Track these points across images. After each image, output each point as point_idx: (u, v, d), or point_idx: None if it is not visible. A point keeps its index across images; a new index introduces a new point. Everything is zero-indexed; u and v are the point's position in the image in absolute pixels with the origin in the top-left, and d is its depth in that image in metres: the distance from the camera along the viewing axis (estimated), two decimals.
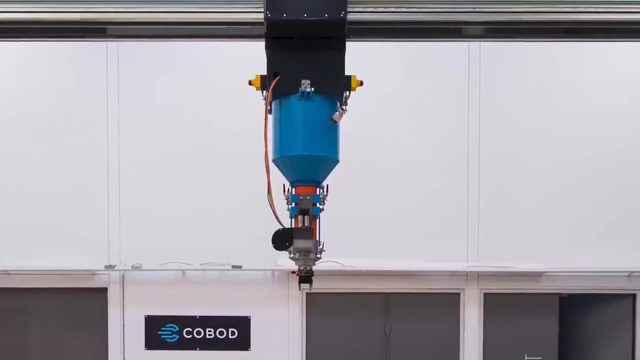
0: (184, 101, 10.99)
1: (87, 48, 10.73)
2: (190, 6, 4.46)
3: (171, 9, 4.47)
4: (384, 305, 11.28)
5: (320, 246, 4.69)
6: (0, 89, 11.06)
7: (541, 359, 11.17)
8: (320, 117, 4.38)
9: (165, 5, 4.46)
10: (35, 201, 11.01)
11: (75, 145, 11.04)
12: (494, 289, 11.18)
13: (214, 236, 10.88)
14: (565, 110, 11.07)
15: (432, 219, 11.05)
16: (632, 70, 11.02)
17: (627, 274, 11.04)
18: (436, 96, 11.11)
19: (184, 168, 11.03)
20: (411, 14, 4.46)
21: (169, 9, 4.47)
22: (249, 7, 4.37)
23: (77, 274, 11.02)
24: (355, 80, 4.45)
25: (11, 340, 11.29)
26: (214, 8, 4.45)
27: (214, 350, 11.10)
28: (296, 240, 4.51)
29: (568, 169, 11.04)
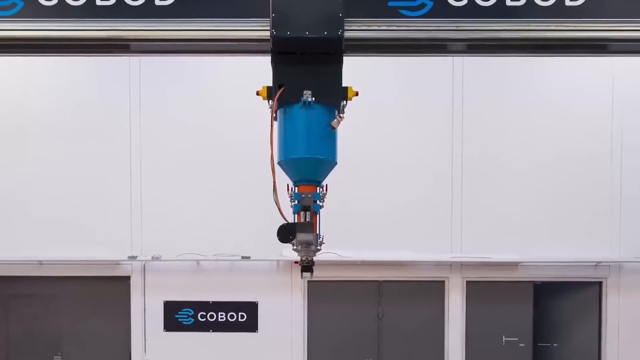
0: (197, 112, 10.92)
1: (110, 63, 10.68)
2: (204, 25, 4.43)
3: (187, 27, 4.45)
4: (377, 292, 11.22)
5: (320, 239, 4.64)
6: (35, 99, 11.01)
7: (517, 339, 11.11)
8: (321, 124, 4.34)
9: (181, 24, 4.43)
10: (65, 201, 10.94)
11: (100, 151, 10.99)
12: (475, 277, 11.13)
13: (225, 230, 10.84)
14: (540, 121, 11.00)
15: (420, 215, 10.97)
16: (599, 84, 10.95)
17: (594, 264, 10.98)
18: (424, 107, 11.04)
19: (197, 172, 10.96)
20: (401, 31, 4.44)
21: (185, 27, 4.45)
22: (256, 26, 4.35)
23: (103, 264, 10.98)
24: (351, 91, 4.43)
25: (44, 323, 11.25)
26: (225, 26, 4.42)
27: (226, 332, 11.05)
28: (299, 233, 4.47)
29: (542, 173, 10.99)
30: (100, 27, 4.40)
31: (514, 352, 11.14)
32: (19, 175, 10.99)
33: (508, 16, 4.38)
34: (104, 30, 4.42)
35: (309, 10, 4.25)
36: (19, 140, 11.00)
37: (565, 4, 4.36)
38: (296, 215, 4.54)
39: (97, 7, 4.38)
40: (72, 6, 4.38)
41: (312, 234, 4.52)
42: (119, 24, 4.40)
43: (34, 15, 4.38)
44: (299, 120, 4.35)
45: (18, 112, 10.98)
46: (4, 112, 10.97)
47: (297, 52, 4.33)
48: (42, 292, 11.21)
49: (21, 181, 11.00)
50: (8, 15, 4.39)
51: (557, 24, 4.37)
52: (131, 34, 4.45)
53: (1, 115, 10.97)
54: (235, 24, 4.41)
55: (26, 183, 11.00)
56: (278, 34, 4.24)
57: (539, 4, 4.36)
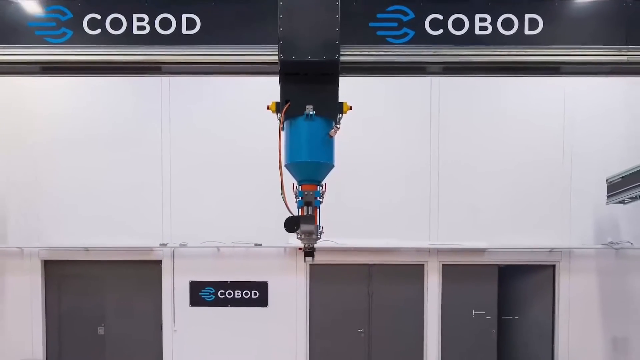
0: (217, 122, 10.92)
1: (144, 83, 10.68)
2: (224, 50, 4.43)
3: (209, 53, 4.44)
4: (367, 273, 11.19)
5: (320, 229, 4.66)
6: (83, 115, 11.00)
7: (484, 313, 11.09)
8: (320, 133, 4.34)
9: (205, 49, 4.43)
10: (108, 198, 10.95)
11: (135, 157, 11.01)
12: (450, 261, 11.09)
13: (241, 222, 10.81)
14: (503, 131, 10.99)
15: (403, 209, 10.95)
16: (552, 100, 10.93)
17: (549, 250, 10.96)
18: (406, 119, 11.03)
19: (217, 173, 10.93)
20: (388, 56, 4.44)
21: (208, 53, 4.44)
22: (267, 52, 4.35)
23: (139, 250, 10.95)
24: (346, 106, 4.43)
25: (89, 299, 11.25)
26: (241, 52, 4.43)
27: (241, 307, 11.02)
28: (302, 225, 4.48)
29: (505, 174, 10.97)
30: (136, 52, 4.41)
31: (482, 323, 11.13)
32: (71, 179, 10.99)
33: (477, 43, 4.39)
34: (139, 55, 4.42)
35: (310, 38, 4.25)
36: (71, 149, 11.00)
37: (524, 33, 4.37)
38: (300, 210, 4.56)
39: (134, 36, 4.39)
40: (113, 35, 4.39)
41: (313, 225, 4.55)
42: (152, 49, 4.40)
43: (81, 42, 4.38)
44: (303, 130, 4.36)
45: (69, 125, 10.99)
46: (58, 126, 10.98)
47: (300, 73, 4.33)
48: (88, 273, 11.21)
49: (73, 183, 11.00)
50: (59, 42, 4.40)
51: (517, 49, 4.37)
52: (162, 58, 4.46)
53: (56, 129, 10.98)
54: (249, 50, 4.41)
55: (77, 184, 11.00)
56: (285, 58, 4.25)
57: (503, 33, 4.37)
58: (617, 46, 4.36)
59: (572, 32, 4.37)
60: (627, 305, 11.12)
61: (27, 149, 10.99)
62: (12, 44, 4.37)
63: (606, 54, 4.39)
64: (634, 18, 4.36)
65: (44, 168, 11.01)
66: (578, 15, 4.41)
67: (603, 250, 11.06)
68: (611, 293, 11.14)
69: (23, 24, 4.39)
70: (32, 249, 11.03)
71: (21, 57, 4.40)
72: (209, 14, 4.39)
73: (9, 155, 10.92)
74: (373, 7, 4.37)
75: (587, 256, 11.14)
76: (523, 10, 4.34)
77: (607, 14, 4.40)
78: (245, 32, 4.40)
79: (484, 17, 4.34)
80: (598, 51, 4.38)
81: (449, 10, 4.35)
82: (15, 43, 4.37)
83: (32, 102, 10.98)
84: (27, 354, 11.07)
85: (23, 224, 11.04)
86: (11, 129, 11.00)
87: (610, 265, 11.11)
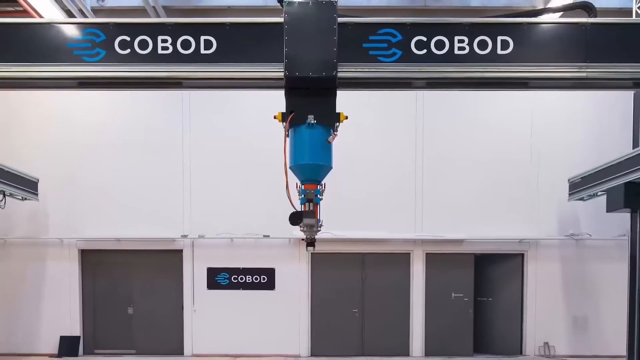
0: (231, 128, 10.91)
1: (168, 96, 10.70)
2: (236, 68, 4.41)
3: (224, 70, 4.42)
4: (361, 261, 11.18)
5: (320, 223, 4.64)
6: (117, 123, 11.02)
7: (462, 295, 11.11)
8: (320, 139, 4.32)
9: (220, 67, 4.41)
10: (136, 195, 10.97)
11: (161, 159, 11.01)
12: (432, 250, 11.10)
13: (251, 216, 10.82)
14: (480, 135, 11.02)
15: (392, 205, 10.96)
16: (521, 109, 10.95)
17: (519, 240, 10.99)
18: (396, 125, 11.05)
19: (230, 173, 10.94)
20: (378, 72, 4.43)
21: (223, 70, 4.42)
22: (274, 69, 4.34)
23: (163, 241, 10.96)
24: (342, 116, 4.41)
25: (120, 283, 11.27)
26: (251, 69, 4.41)
27: (251, 290, 11.04)
28: (304, 219, 4.47)
29: (481, 174, 10.98)
30: (160, 69, 4.39)
31: (460, 304, 11.15)
32: (104, 179, 11.01)
33: (456, 61, 4.38)
34: (163, 72, 4.40)
35: (311, 57, 4.25)
36: (104, 153, 11.03)
37: (497, 52, 4.36)
38: (302, 206, 4.53)
39: (159, 55, 4.38)
40: (141, 54, 4.38)
41: (314, 219, 4.52)
42: (175, 67, 4.39)
43: (113, 61, 4.38)
44: (305, 137, 4.33)
45: (107, 132, 11.03)
46: (98, 132, 11.02)
47: (303, 88, 4.32)
48: (119, 260, 11.21)
49: (105, 183, 11.01)
50: (94, 60, 4.39)
51: (491, 67, 4.36)
52: (183, 75, 4.44)
53: (91, 135, 10.99)
54: (258, 67, 4.40)
55: (109, 184, 11.01)
56: (289, 75, 4.24)
57: (479, 52, 4.36)
58: (577, 64, 4.36)
59: (538, 51, 4.36)
60: (586, 289, 11.14)
61: (67, 152, 10.99)
62: (53, 62, 4.37)
63: (568, 71, 4.38)
64: (591, 40, 4.36)
65: (81, 169, 11.01)
66: (543, 37, 4.41)
67: (565, 241, 11.08)
68: (572, 278, 11.17)
69: (63, 45, 4.39)
70: (71, 239, 11.04)
71: (61, 73, 4.39)
72: (224, 36, 4.39)
73: (51, 158, 10.93)
74: (366, 30, 4.37)
75: (551, 246, 11.16)
76: (496, 33, 4.34)
77: (569, 36, 4.41)
78: (255, 51, 4.39)
79: (462, 39, 4.34)
80: (561, 68, 4.38)
81: (432, 32, 4.34)
82: (56, 61, 4.37)
83: (73, 112, 10.99)
84: (66, 331, 11.08)
85: (63, 218, 11.04)
86: (54, 135, 11.01)
87: (571, 254, 11.14)
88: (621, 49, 4.36)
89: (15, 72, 4.40)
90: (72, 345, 11.01)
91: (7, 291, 11.08)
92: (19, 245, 11.07)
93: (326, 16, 4.24)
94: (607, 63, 4.37)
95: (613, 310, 10.59)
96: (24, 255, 11.07)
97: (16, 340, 11.09)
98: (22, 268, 11.09)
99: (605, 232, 10.82)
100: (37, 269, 11.10)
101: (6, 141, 10.87)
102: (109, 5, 9.89)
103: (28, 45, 4.38)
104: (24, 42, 4.39)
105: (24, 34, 4.41)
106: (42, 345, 11.07)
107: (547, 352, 11.11)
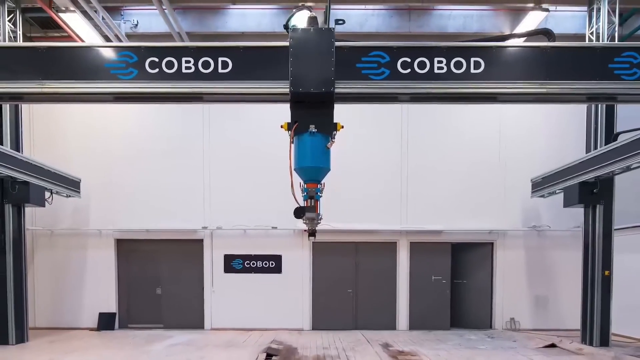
0: (245, 136, 10.89)
1: (190, 109, 10.69)
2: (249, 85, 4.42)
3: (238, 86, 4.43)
4: (355, 249, 11.15)
5: (320, 216, 4.68)
6: (146, 132, 11.01)
7: (441, 277, 11.08)
8: (320, 146, 4.33)
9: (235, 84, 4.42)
10: (164, 193, 10.95)
11: (184, 163, 10.99)
12: (415, 239, 11.07)
13: (262, 211, 10.78)
14: (457, 141, 11.01)
15: (382, 201, 10.95)
16: (491, 120, 10.94)
17: (489, 231, 10.97)
18: (384, 133, 11.02)
19: (244, 174, 10.91)
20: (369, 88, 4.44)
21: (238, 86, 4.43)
22: (281, 85, 4.35)
23: (186, 232, 10.94)
24: (339, 125, 4.42)
25: (150, 268, 11.23)
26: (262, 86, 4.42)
27: (262, 273, 11.01)
28: (307, 213, 4.49)
29: (458, 175, 10.97)
30: (184, 86, 4.41)
31: (439, 286, 11.12)
32: (136, 179, 11.00)
33: (436, 79, 4.39)
34: (187, 88, 4.42)
35: (313, 76, 4.26)
36: (137, 158, 11.03)
37: (471, 71, 4.37)
38: (305, 202, 4.55)
39: (183, 74, 4.40)
40: (167, 73, 4.40)
41: (315, 213, 4.56)
42: (196, 84, 4.40)
43: (144, 79, 4.39)
44: (307, 143, 4.35)
45: (138, 141, 11.04)
46: (130, 141, 11.02)
47: (305, 101, 4.33)
48: (149, 248, 11.17)
49: (137, 183, 11.00)
50: (128, 78, 4.40)
51: (466, 84, 4.37)
52: (204, 90, 4.45)
53: (129, 143, 11.02)
54: (268, 84, 4.41)
55: (140, 184, 11.00)
56: (294, 90, 4.26)
57: (455, 71, 4.38)
58: (539, 81, 4.37)
59: (505, 71, 4.37)
60: (546, 273, 11.13)
61: (105, 158, 10.99)
62: (93, 79, 4.38)
63: (531, 87, 4.39)
64: (550, 61, 4.37)
65: (116, 172, 11.00)
66: (510, 58, 4.42)
67: (528, 232, 11.08)
68: (534, 263, 11.16)
69: (101, 65, 4.40)
70: (108, 230, 11.03)
71: (100, 89, 4.41)
72: (239, 58, 4.40)
73: (91, 163, 10.92)
74: (359, 53, 4.38)
75: (516, 236, 11.16)
76: (470, 55, 4.35)
77: (531, 58, 4.41)
78: (265, 71, 4.40)
79: (441, 60, 4.35)
80: (525, 85, 4.38)
81: (415, 54, 4.36)
82: (95, 79, 4.38)
83: (109, 124, 10.98)
84: (104, 308, 11.08)
85: (101, 213, 11.03)
86: (94, 143, 11.01)
87: (533, 243, 11.13)
88: (576, 68, 4.37)
89: (61, 88, 4.41)
90: (109, 321, 11.01)
91: (54, 275, 11.09)
92: (64, 235, 11.06)
93: (325, 41, 4.26)
94: (564, 80, 4.38)
95: (569, 291, 10.58)
96: (68, 244, 11.07)
97: (62, 317, 11.09)
98: (67, 255, 11.08)
99: (562, 224, 10.82)
100: (79, 256, 11.09)
101: (53, 148, 10.88)
102: (141, 31, 9.88)
103: (72, 66, 4.40)
104: (69, 63, 4.40)
105: (68, 56, 4.42)
106: (84, 320, 11.08)
107: (513, 326, 11.11)
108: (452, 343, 9.19)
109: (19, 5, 8.89)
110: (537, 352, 8.34)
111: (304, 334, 10.39)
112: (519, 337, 9.94)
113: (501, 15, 9.79)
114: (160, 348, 8.65)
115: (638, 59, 4.31)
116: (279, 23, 9.51)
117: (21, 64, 4.39)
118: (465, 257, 11.52)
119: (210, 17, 9.92)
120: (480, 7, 9.58)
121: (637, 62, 4.31)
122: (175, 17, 9.24)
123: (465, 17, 9.78)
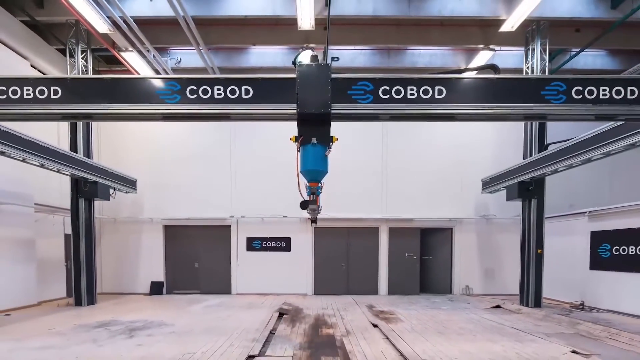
0: (264, 146, 10.84)
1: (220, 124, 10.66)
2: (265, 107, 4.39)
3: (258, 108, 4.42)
4: (347, 233, 11.13)
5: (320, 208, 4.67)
6: (186, 141, 10.95)
7: (412, 254, 11.08)
8: (320, 153, 4.32)
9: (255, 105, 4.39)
10: (200, 190, 10.90)
11: (215, 167, 10.94)
12: (394, 226, 11.05)
13: (275, 203, 10.73)
14: (428, 150, 10.97)
15: (367, 195, 10.92)
16: (453, 133, 10.93)
17: (449, 219, 10.96)
18: (369, 144, 10.97)
19: (263, 175, 10.86)
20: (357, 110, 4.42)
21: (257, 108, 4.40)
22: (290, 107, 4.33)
23: (217, 219, 10.92)
24: (335, 138, 4.42)
25: (189, 248, 11.19)
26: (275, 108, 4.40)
27: (275, 251, 10.99)
28: (310, 205, 4.49)
29: (428, 175, 10.94)
30: (216, 108, 4.39)
31: (411, 261, 11.12)
32: (179, 179, 10.95)
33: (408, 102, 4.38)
34: (218, 109, 4.40)
35: (314, 100, 4.26)
36: (181, 161, 10.98)
37: (435, 97, 4.37)
38: (308, 196, 4.54)
39: (215, 98, 4.39)
40: (203, 98, 4.39)
41: (316, 206, 4.54)
42: (225, 106, 4.38)
43: (185, 102, 4.38)
44: (310, 152, 4.34)
45: (180, 148, 10.98)
46: (174, 148, 10.96)
47: (309, 119, 4.32)
48: (188, 233, 11.15)
49: (181, 182, 10.96)
50: (173, 102, 4.40)
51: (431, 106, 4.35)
52: (231, 111, 4.42)
53: (173, 150, 10.96)
54: (280, 106, 4.38)
55: (183, 182, 10.97)
56: (300, 111, 4.25)
57: (423, 97, 4.37)
58: (488, 104, 4.36)
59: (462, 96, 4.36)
60: (493, 251, 11.13)
61: (155, 162, 10.98)
62: (146, 103, 4.38)
63: (481, 109, 4.38)
64: (496, 89, 4.37)
65: (163, 173, 10.98)
66: (465, 86, 4.41)
67: (479, 220, 11.07)
68: (483, 244, 11.16)
69: (152, 92, 4.39)
70: (157, 218, 11.03)
71: (151, 111, 4.40)
72: (258, 86, 4.39)
73: (145, 166, 10.91)
74: (349, 82, 4.37)
75: (470, 223, 11.15)
76: (434, 84, 4.34)
77: (482, 86, 4.40)
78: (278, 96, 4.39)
79: (413, 88, 4.34)
80: (477, 107, 4.37)
81: (393, 84, 4.35)
82: (148, 103, 4.38)
83: (158, 136, 10.98)
84: (155, 278, 11.09)
85: (153, 205, 11.03)
86: (146, 151, 11.00)
87: (483, 228, 11.13)
88: (516, 94, 4.37)
89: (122, 110, 4.41)
90: (159, 287, 11.01)
91: (117, 253, 11.10)
92: (124, 222, 11.07)
93: (324, 73, 4.27)
94: (507, 104, 4.37)
95: (510, 265, 10.58)
96: (127, 229, 11.07)
97: (122, 284, 11.11)
98: (126, 237, 11.09)
99: (506, 213, 10.80)
100: (136, 238, 11.09)
101: (116, 155, 10.88)
102: (182, 66, 9.91)
103: (130, 92, 4.39)
104: (128, 90, 4.40)
105: (127, 85, 4.42)
106: (139, 287, 11.08)
107: (467, 292, 11.11)
108: (421, 304, 9.19)
109: (90, 46, 8.94)
110: (486, 311, 8.34)
111: (307, 298, 10.38)
112: (472, 300, 9.94)
113: (459, 53, 9.82)
114: (198, 308, 8.66)
115: (563, 87, 4.30)
116: (288, 60, 9.53)
117: (92, 91, 4.38)
118: (431, 239, 11.52)
119: (236, 55, 9.95)
120: (443, 48, 9.62)
121: (562, 89, 4.31)
122: (210, 55, 9.24)
123: (431, 55, 9.83)
